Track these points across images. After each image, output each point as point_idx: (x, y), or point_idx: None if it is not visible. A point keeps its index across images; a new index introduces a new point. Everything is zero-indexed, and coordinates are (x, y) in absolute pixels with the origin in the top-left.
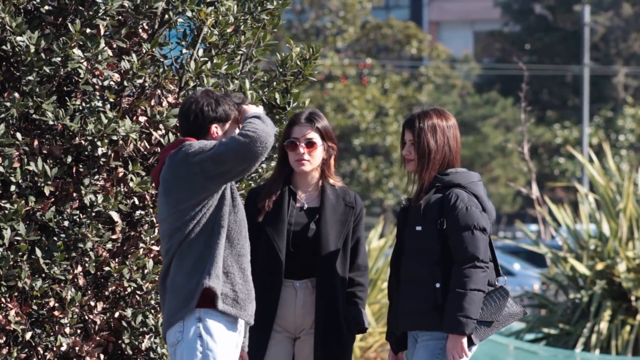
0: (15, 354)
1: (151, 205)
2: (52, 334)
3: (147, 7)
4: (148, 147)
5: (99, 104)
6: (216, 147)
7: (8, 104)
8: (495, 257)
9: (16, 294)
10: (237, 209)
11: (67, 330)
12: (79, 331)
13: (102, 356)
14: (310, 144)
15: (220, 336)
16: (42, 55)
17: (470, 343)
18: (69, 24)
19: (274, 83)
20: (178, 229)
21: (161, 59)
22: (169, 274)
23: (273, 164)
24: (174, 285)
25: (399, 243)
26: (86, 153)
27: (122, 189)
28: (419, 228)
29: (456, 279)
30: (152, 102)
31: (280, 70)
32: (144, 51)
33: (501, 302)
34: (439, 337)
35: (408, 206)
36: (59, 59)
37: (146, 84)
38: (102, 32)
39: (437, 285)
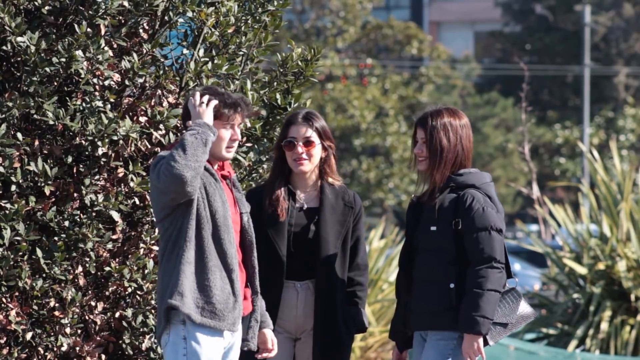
0: (15, 354)
1: (152, 205)
2: (52, 334)
3: (147, 4)
4: (149, 147)
5: (100, 104)
6: (156, 169)
7: (10, 104)
8: (508, 259)
9: (17, 294)
10: (216, 217)
11: (68, 330)
12: (79, 331)
13: (102, 356)
14: (308, 143)
15: (204, 339)
16: (43, 55)
17: (485, 344)
18: (75, 25)
19: (275, 83)
20: (161, 238)
21: (162, 59)
22: (158, 281)
23: None
24: (157, 295)
25: (409, 242)
26: (87, 153)
27: (123, 189)
28: (433, 228)
29: (473, 279)
30: (153, 102)
31: (281, 70)
32: (145, 51)
33: (515, 304)
34: (449, 337)
35: (417, 204)
36: (63, 59)
37: (147, 84)
38: (102, 32)
39: (452, 285)
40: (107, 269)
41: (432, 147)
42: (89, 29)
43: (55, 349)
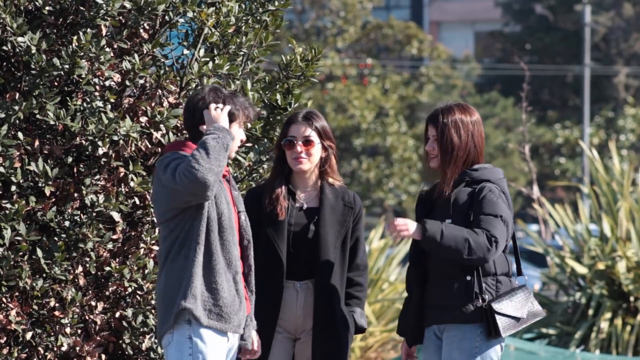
0: (15, 354)
1: (152, 205)
2: (52, 334)
3: (150, 9)
4: (149, 147)
5: (100, 104)
6: (170, 169)
7: (16, 107)
8: (518, 255)
9: (17, 294)
10: (222, 219)
11: (68, 330)
12: (79, 331)
13: (102, 356)
14: (308, 142)
15: (210, 339)
16: (44, 56)
17: (498, 336)
18: (80, 33)
19: (277, 85)
20: (164, 239)
21: (162, 60)
22: (160, 280)
23: None
24: (159, 295)
25: None
26: (87, 153)
27: (123, 189)
28: (448, 221)
29: (467, 229)
30: (153, 103)
31: (284, 73)
32: (145, 51)
33: (526, 300)
34: (471, 334)
35: (426, 198)
36: (67, 66)
37: (147, 85)
38: (103, 33)
39: (468, 277)
40: (107, 269)
41: (443, 145)
42: (89, 30)
43: (55, 348)
